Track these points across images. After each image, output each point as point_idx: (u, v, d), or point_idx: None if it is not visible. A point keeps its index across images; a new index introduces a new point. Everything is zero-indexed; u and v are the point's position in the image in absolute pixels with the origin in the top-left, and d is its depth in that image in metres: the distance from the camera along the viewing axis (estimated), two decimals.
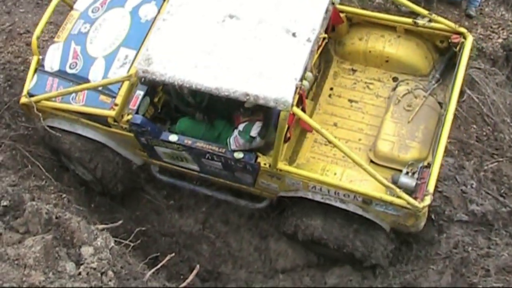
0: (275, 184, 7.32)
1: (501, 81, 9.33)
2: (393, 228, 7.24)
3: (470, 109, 8.95)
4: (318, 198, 7.06)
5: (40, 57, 7.87)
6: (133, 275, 5.94)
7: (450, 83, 7.27)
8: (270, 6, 6.69)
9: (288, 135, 6.86)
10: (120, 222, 6.82)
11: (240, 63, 6.41)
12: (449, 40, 7.30)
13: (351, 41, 7.91)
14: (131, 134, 7.35)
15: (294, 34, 6.49)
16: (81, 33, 7.88)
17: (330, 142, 6.58)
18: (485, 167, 8.43)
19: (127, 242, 6.36)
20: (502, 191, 8.19)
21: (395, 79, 7.82)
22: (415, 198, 6.51)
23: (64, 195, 7.61)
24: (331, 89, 7.98)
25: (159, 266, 6.43)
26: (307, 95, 7.27)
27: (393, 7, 10.53)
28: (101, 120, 7.40)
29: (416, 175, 6.82)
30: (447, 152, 8.16)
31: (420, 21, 7.37)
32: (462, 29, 7.24)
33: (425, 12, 7.34)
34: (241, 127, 6.91)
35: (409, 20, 7.47)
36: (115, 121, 7.26)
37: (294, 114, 6.36)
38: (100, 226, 6.35)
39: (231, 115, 7.15)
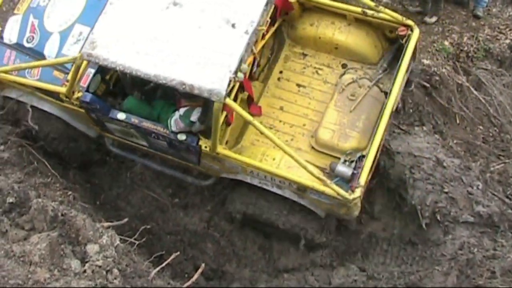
0: (217, 166, 7.46)
1: (508, 82, 9.30)
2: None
3: (476, 110, 8.95)
4: (255, 182, 7.25)
5: (0, 29, 7.96)
6: (138, 273, 5.94)
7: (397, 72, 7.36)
8: None
9: (230, 120, 7.13)
10: (126, 220, 6.82)
11: (179, 52, 6.53)
12: (396, 32, 7.37)
13: (302, 26, 7.99)
14: (83, 110, 7.45)
15: (233, 25, 6.59)
16: (40, 7, 7.95)
17: (262, 133, 6.72)
18: (491, 168, 8.42)
19: (132, 240, 6.36)
20: (508, 192, 8.18)
21: (344, 66, 7.92)
22: (351, 187, 6.72)
23: (69, 192, 7.62)
24: (281, 72, 8.06)
25: (164, 264, 6.42)
26: (257, 77, 7.64)
27: (400, 7, 10.52)
28: (54, 95, 7.49)
29: (353, 164, 7.01)
30: (454, 153, 8.16)
31: (369, 11, 7.42)
32: (410, 22, 7.34)
33: (371, 4, 7.37)
34: (182, 111, 7.02)
35: (358, 9, 7.50)
36: (66, 97, 7.33)
37: None
38: (106, 224, 6.35)
39: (170, 97, 7.26)
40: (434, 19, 10.10)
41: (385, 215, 8.31)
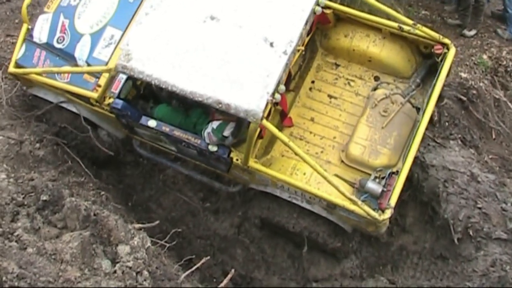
0: (246, 177, 7.44)
1: None
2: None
3: None
4: (285, 196, 7.23)
5: (29, 27, 7.96)
6: (168, 276, 5.96)
7: (430, 88, 7.27)
8: (252, 11, 6.72)
9: (262, 134, 7.09)
10: (157, 222, 6.85)
11: (216, 68, 6.48)
12: (432, 50, 7.27)
13: (336, 37, 7.89)
14: (113, 115, 7.46)
15: (271, 44, 6.53)
16: (70, 6, 7.91)
17: (297, 155, 6.63)
18: None
19: (162, 242, 6.39)
20: None
21: (376, 78, 7.84)
22: (380, 204, 6.70)
23: (102, 193, 7.67)
24: (313, 82, 7.99)
25: (193, 268, 6.44)
26: (289, 86, 7.40)
27: (439, 19, 10.46)
28: (84, 98, 7.50)
29: (383, 182, 6.96)
30: (489, 169, 8.07)
31: (405, 27, 7.30)
32: (446, 40, 7.22)
33: (409, 21, 7.27)
34: (215, 124, 7.01)
35: (394, 24, 7.39)
36: (97, 101, 7.36)
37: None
38: (137, 226, 6.38)
39: (207, 107, 7.20)
40: (473, 32, 10.04)
41: (416, 228, 8.23)
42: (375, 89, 7.68)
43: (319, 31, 8.02)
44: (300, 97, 7.91)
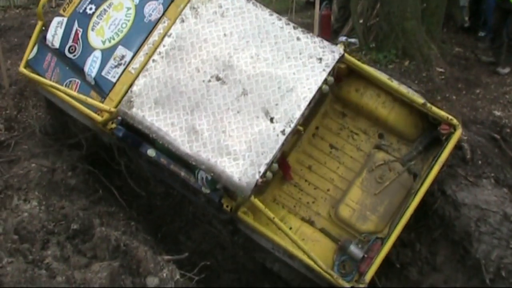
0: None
1: None
2: None
3: None
4: (269, 247, 7.20)
5: (43, 28, 7.95)
6: None
7: (431, 156, 7.26)
8: (260, 80, 6.60)
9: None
10: (186, 254, 6.84)
11: (213, 135, 6.44)
12: (438, 127, 7.15)
13: (347, 88, 7.74)
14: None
15: (272, 120, 6.44)
16: (86, 14, 7.82)
17: (283, 232, 6.69)
18: None
19: (191, 275, 6.38)
20: None
21: (380, 136, 7.74)
22: (359, 267, 6.91)
23: (132, 223, 7.71)
24: (317, 128, 7.91)
25: None
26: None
27: (473, 56, 10.43)
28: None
29: (366, 247, 7.07)
30: None
31: (420, 100, 7.19)
32: (455, 121, 7.07)
33: (420, 101, 7.16)
34: (211, 175, 6.88)
35: (405, 91, 7.27)
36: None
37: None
38: (166, 257, 6.38)
39: None
40: (507, 70, 10.00)
41: (447, 267, 8.10)
42: (377, 147, 7.64)
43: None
44: (302, 142, 7.84)
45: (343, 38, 11.59)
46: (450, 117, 7.06)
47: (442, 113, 7.09)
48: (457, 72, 10.29)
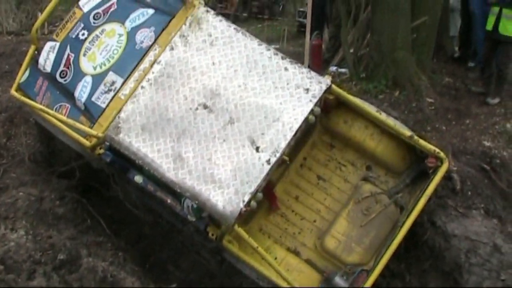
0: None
1: None
2: None
3: None
4: (253, 276, 7.13)
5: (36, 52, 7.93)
6: None
7: (419, 189, 7.21)
8: (247, 108, 6.65)
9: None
10: (174, 285, 6.79)
11: (199, 163, 6.49)
12: (425, 161, 7.12)
13: (336, 120, 7.69)
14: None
15: (257, 149, 6.48)
16: (78, 40, 7.81)
17: (267, 262, 6.65)
18: None
19: None
20: None
21: (368, 168, 7.70)
22: None
23: (120, 253, 7.63)
24: (305, 159, 7.84)
25: None
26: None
27: (463, 87, 10.48)
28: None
29: (350, 279, 6.98)
30: None
31: (407, 133, 7.15)
32: (442, 155, 7.02)
33: (407, 133, 7.13)
34: (195, 203, 6.90)
35: (392, 123, 7.25)
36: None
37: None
38: None
39: None
40: (496, 100, 10.05)
41: None
42: (364, 179, 7.62)
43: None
44: (289, 172, 7.78)
45: (333, 68, 11.65)
46: (437, 150, 7.03)
47: (429, 146, 7.07)
48: (447, 102, 10.33)
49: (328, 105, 7.36)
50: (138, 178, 7.14)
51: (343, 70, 11.53)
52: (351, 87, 10.55)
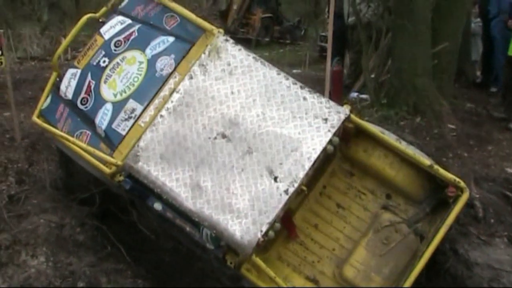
0: None
1: None
2: None
3: None
4: None
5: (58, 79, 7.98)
6: None
7: (439, 218, 7.10)
8: (265, 138, 6.64)
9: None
10: None
11: (217, 192, 6.47)
12: (445, 191, 7.05)
13: (355, 148, 7.63)
14: None
15: (275, 179, 6.46)
16: (99, 67, 7.83)
17: None
18: None
19: None
20: None
21: (388, 196, 7.62)
22: None
23: (140, 281, 7.63)
24: (324, 187, 7.77)
25: None
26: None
27: (485, 112, 10.42)
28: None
29: None
30: None
31: (426, 162, 7.07)
32: (462, 185, 6.95)
33: (426, 163, 7.06)
34: (213, 233, 6.87)
35: (411, 153, 7.18)
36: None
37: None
38: None
39: None
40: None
41: None
42: (384, 207, 7.56)
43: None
44: (309, 200, 7.71)
45: (354, 94, 11.66)
46: (457, 179, 6.96)
47: (449, 176, 7.00)
48: (469, 129, 10.26)
49: (348, 133, 7.33)
50: (157, 205, 7.13)
51: (364, 96, 11.53)
52: (372, 113, 10.53)
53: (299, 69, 17.97)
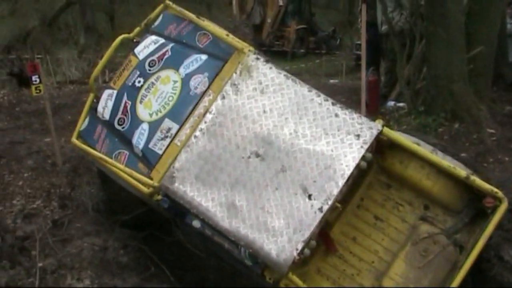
0: None
1: None
2: None
3: None
4: None
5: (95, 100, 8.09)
6: None
7: (478, 228, 6.99)
8: (298, 156, 6.64)
9: None
10: None
11: (252, 211, 6.50)
12: (483, 201, 6.91)
13: (391, 160, 7.52)
14: None
15: (309, 197, 6.46)
16: (135, 87, 7.89)
17: None
18: None
19: None
20: None
21: (426, 207, 7.49)
22: None
23: None
24: (362, 199, 7.67)
25: None
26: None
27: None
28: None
29: None
30: None
31: (463, 173, 6.91)
32: (500, 195, 6.81)
33: (463, 173, 6.92)
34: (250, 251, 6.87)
35: (447, 164, 7.03)
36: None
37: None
38: None
39: None
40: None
41: None
42: (422, 218, 7.46)
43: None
44: (347, 213, 7.64)
45: (391, 103, 11.61)
46: (494, 190, 6.84)
47: (487, 186, 6.89)
48: (509, 132, 10.12)
49: (383, 146, 7.30)
50: (196, 223, 7.15)
51: (401, 104, 11.49)
52: (410, 121, 10.48)
53: (336, 79, 17.96)
